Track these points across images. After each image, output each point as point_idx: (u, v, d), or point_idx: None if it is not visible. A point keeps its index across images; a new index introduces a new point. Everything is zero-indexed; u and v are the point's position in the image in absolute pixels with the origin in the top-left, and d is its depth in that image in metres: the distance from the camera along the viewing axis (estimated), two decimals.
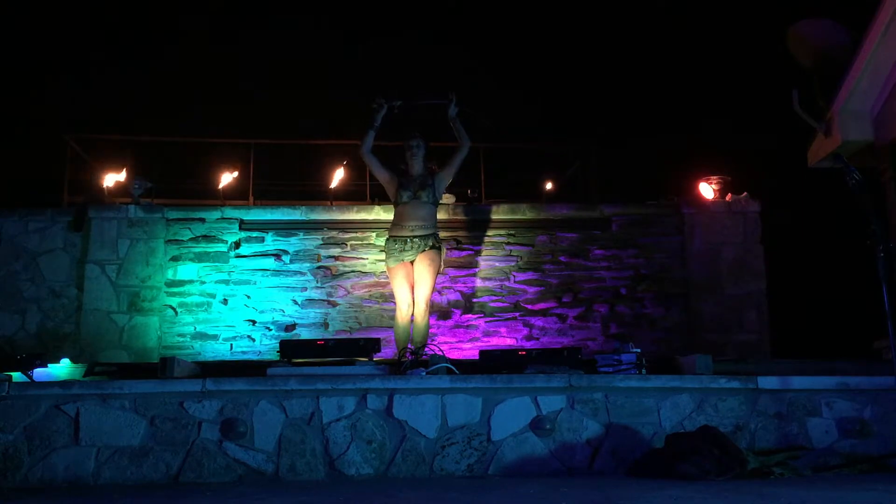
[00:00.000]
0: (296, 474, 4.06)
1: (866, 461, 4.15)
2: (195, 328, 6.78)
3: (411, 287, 5.79)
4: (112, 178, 7.67)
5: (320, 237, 7.05)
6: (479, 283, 7.02)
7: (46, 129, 9.46)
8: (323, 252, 7.02)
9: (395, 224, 5.87)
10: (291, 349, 4.77)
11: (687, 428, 4.18)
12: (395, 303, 5.91)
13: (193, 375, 4.60)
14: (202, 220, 7.00)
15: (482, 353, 4.95)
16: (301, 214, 7.10)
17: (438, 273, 5.87)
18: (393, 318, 5.97)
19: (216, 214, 7.04)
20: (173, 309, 6.80)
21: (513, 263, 7.07)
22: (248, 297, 6.87)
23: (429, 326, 5.85)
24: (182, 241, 6.94)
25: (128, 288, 6.75)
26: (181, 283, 6.86)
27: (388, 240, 5.87)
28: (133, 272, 6.79)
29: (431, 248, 5.77)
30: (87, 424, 4.07)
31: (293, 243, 7.03)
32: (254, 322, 6.83)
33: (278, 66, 11.26)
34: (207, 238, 6.97)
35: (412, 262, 5.78)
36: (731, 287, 6.96)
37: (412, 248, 5.75)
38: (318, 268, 6.97)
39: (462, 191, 7.79)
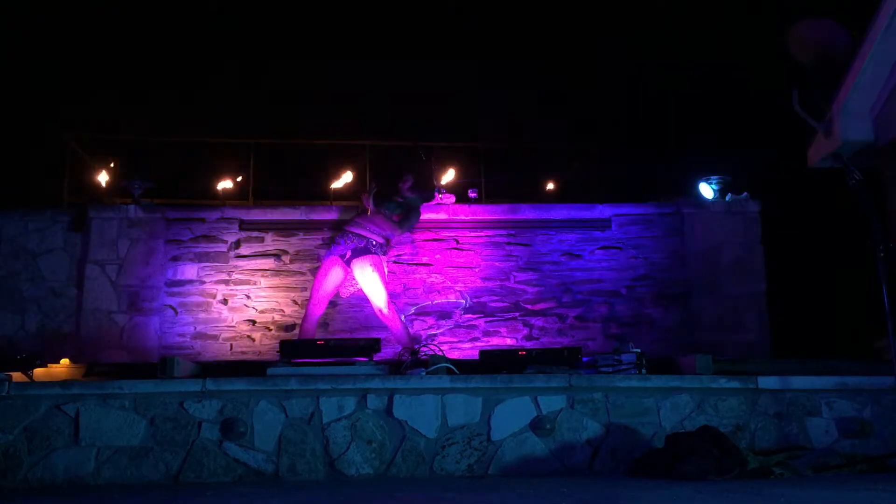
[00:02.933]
0: (296, 474, 4.06)
1: (866, 461, 4.15)
2: (195, 328, 6.78)
3: (333, 292, 6.08)
4: (112, 178, 7.67)
5: (320, 237, 7.05)
6: (479, 283, 7.02)
7: (46, 129, 9.45)
8: (323, 252, 7.02)
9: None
10: (291, 349, 4.78)
11: (687, 428, 4.18)
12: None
13: (193, 375, 4.60)
14: (202, 220, 7.01)
15: (482, 353, 4.95)
16: (301, 214, 7.10)
17: (382, 280, 6.05)
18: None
19: (216, 214, 7.04)
20: (173, 309, 6.80)
21: (513, 263, 7.07)
22: (248, 297, 6.87)
23: (406, 327, 6.02)
24: (182, 241, 6.95)
25: (128, 288, 6.75)
26: (181, 283, 6.86)
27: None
28: (133, 272, 6.78)
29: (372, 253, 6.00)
30: (87, 424, 4.07)
31: (293, 243, 7.03)
32: (254, 322, 6.83)
33: (279, 66, 11.26)
34: (207, 238, 6.97)
35: (346, 264, 5.86)
36: (731, 287, 6.96)
37: (348, 246, 5.93)
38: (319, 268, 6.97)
39: (462, 191, 7.79)
